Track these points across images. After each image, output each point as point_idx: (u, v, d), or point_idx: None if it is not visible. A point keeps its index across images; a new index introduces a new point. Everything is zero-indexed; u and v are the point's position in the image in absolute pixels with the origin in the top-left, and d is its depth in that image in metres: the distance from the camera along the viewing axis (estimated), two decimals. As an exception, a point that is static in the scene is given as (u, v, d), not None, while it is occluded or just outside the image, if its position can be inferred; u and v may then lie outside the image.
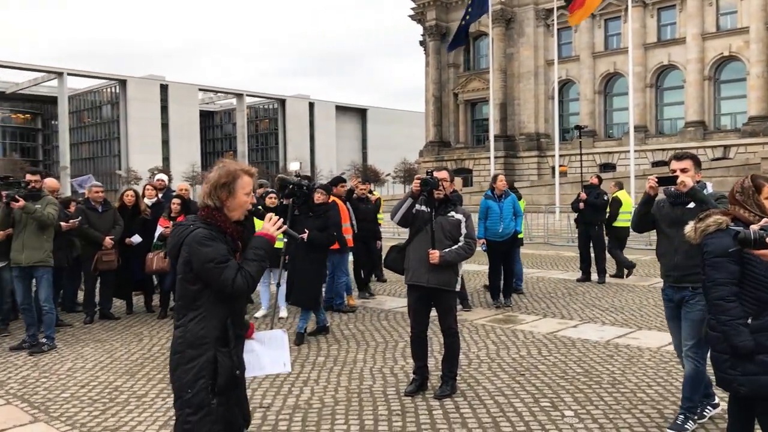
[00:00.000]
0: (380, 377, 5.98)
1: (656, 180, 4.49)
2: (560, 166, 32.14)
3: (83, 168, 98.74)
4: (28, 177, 7.42)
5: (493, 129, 37.36)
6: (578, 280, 11.75)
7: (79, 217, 8.48)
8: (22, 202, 6.99)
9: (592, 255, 11.80)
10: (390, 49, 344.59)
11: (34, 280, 7.32)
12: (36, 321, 7.29)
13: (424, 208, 5.38)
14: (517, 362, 6.41)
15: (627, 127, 30.09)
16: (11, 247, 7.24)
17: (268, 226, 3.22)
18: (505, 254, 9.33)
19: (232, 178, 3.16)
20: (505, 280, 9.44)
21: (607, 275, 11.74)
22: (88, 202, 8.89)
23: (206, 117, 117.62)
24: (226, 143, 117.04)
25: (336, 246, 9.14)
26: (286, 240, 6.92)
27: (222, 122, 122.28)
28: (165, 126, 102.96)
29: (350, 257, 9.99)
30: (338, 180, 9.74)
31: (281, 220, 3.31)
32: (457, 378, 5.61)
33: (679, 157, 4.52)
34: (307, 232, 7.23)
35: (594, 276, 11.71)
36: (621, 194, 12.02)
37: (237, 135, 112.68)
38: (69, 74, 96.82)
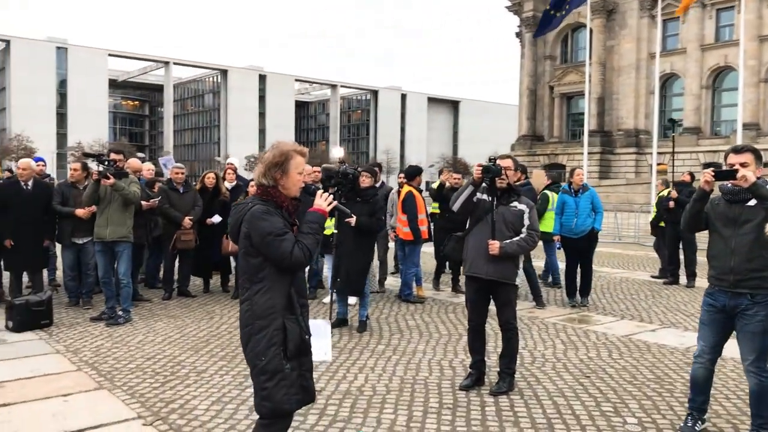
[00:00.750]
0: (437, 369, 5.84)
1: (713, 174, 4.03)
2: (659, 164, 30.42)
3: (185, 154, 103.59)
4: (113, 156, 7.74)
5: (589, 124, 35.90)
6: (665, 283, 11.12)
7: (159, 197, 8.82)
8: (112, 180, 7.33)
9: (681, 257, 11.14)
10: (484, 41, 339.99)
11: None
12: (115, 294, 7.63)
13: (485, 196, 5.16)
14: (584, 363, 6.10)
15: (736, 125, 28.08)
16: (95, 223, 7.62)
17: (320, 201, 3.36)
18: (581, 251, 8.90)
19: (285, 158, 3.27)
20: (583, 278, 9.02)
21: (697, 279, 11.04)
22: (171, 183, 9.23)
23: (301, 107, 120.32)
24: (320, 133, 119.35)
25: (410, 236, 9.10)
26: (336, 221, 6.90)
27: (316, 112, 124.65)
28: (262, 115, 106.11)
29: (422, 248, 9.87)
30: (419, 170, 9.60)
31: (332, 196, 3.43)
32: (516, 375, 5.40)
33: (738, 150, 4.08)
34: (354, 218, 7.07)
35: (683, 279, 11.05)
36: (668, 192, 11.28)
37: (330, 125, 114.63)
38: (174, 63, 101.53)
